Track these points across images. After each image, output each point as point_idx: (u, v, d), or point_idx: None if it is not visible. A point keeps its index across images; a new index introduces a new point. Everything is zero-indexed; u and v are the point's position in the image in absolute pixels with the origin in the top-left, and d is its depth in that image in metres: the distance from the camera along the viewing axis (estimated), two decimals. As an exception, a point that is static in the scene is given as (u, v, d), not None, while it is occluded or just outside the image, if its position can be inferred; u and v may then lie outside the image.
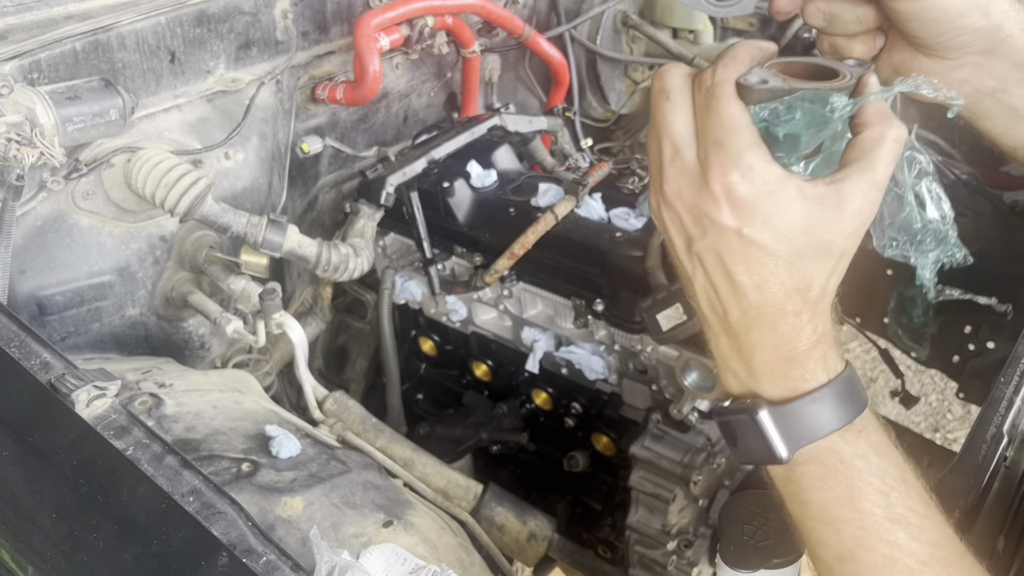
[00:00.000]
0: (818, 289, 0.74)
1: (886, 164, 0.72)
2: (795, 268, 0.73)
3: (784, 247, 0.72)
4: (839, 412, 0.74)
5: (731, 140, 0.71)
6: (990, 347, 1.98)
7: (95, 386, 0.83)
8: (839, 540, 0.75)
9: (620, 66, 2.26)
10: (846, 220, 0.72)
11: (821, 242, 0.72)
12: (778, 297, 0.74)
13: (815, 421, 0.74)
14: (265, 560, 0.71)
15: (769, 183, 0.71)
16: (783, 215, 0.71)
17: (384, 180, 1.54)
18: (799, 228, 0.71)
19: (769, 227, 0.71)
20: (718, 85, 0.73)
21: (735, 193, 0.71)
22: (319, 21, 1.57)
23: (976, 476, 0.98)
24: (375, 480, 1.06)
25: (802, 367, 0.75)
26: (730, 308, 0.76)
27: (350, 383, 1.83)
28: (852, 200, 0.72)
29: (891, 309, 2.09)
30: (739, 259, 0.73)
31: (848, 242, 0.74)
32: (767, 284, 0.73)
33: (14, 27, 1.21)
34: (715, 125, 0.72)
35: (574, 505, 1.68)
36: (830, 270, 0.74)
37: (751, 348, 0.76)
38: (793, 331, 0.75)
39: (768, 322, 0.75)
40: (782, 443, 0.75)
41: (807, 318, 0.75)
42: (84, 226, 1.25)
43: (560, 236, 1.42)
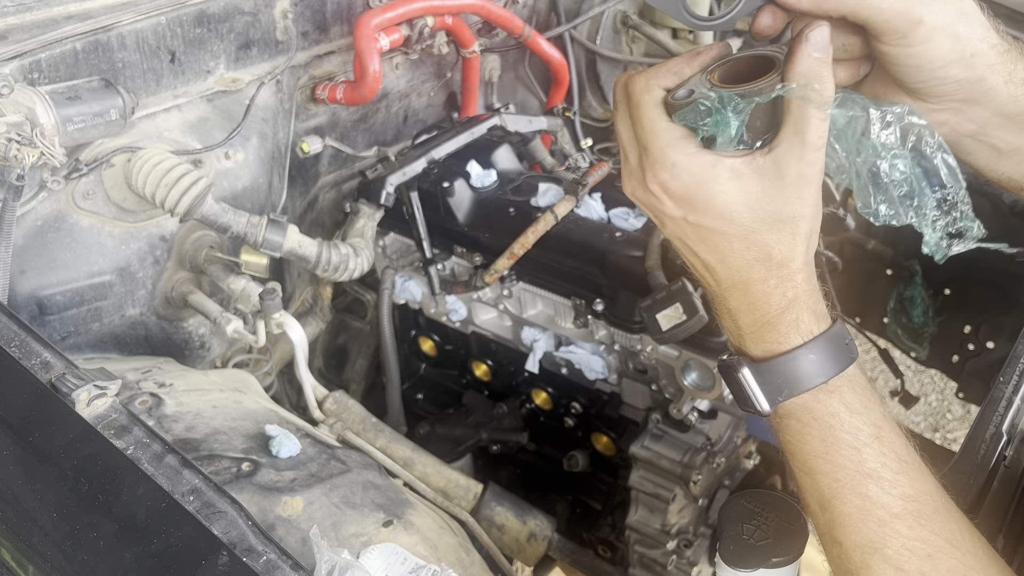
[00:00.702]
0: (780, 255, 0.77)
1: (815, 125, 0.74)
2: (749, 240, 0.77)
3: (731, 226, 0.76)
4: (812, 372, 0.78)
5: (653, 143, 0.77)
6: (989, 347, 1.98)
7: (95, 386, 0.83)
8: (818, 489, 0.80)
9: (620, 66, 2.26)
10: (788, 187, 0.75)
11: (768, 213, 0.76)
12: (741, 268, 0.79)
13: (790, 379, 0.79)
14: (265, 559, 0.71)
15: (696, 174, 0.75)
16: (720, 198, 0.75)
17: (384, 180, 1.54)
18: (741, 205, 0.75)
19: (710, 211, 0.76)
20: (636, 95, 0.79)
21: (669, 189, 0.77)
22: (319, 21, 1.57)
23: (975, 475, 0.98)
24: (375, 480, 1.06)
25: (775, 330, 0.79)
26: (708, 279, 0.82)
27: (350, 383, 1.83)
28: (788, 167, 0.74)
29: (891, 309, 2.09)
30: (696, 240, 0.79)
31: (797, 206, 0.76)
32: (727, 258, 0.79)
33: (14, 27, 1.21)
34: (640, 132, 0.78)
35: (574, 505, 1.68)
36: (789, 236, 0.77)
37: (735, 312, 0.81)
38: (762, 296, 0.79)
39: (739, 290, 0.80)
40: (763, 397, 0.80)
41: (774, 283, 0.78)
42: (84, 226, 1.25)
43: (560, 236, 1.42)
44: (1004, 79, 0.84)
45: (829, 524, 0.80)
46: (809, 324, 0.79)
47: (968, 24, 0.82)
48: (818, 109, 0.73)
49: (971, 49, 0.82)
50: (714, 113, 0.75)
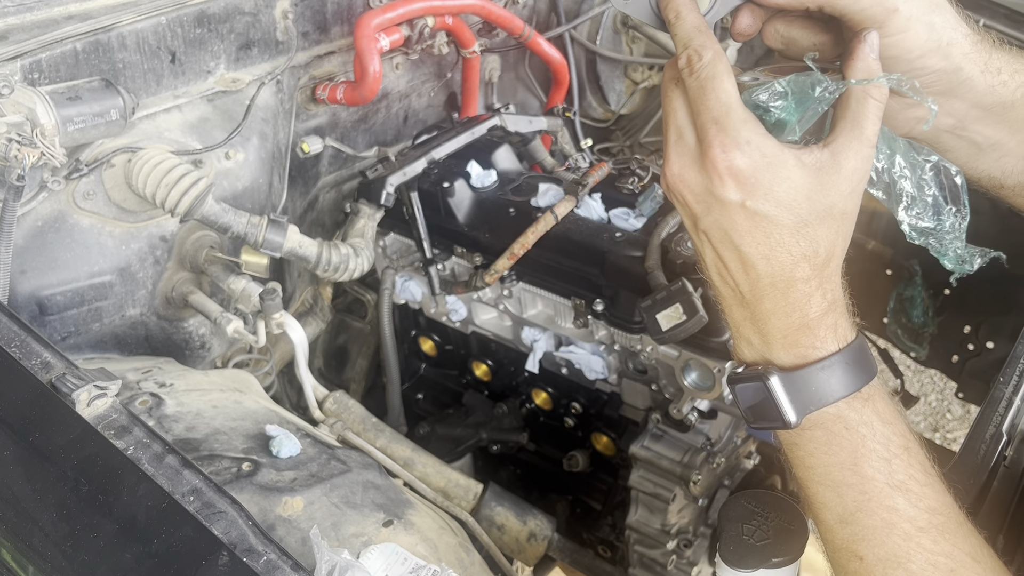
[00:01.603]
0: (824, 253, 0.76)
1: (872, 121, 0.75)
2: (800, 235, 0.75)
3: (788, 215, 0.74)
4: (847, 380, 0.76)
5: (727, 117, 0.73)
6: (989, 347, 1.98)
7: (96, 386, 0.83)
8: (841, 503, 0.77)
9: (620, 66, 2.26)
10: (844, 180, 0.74)
11: (823, 206, 0.74)
12: (786, 265, 0.76)
13: (824, 388, 0.76)
14: (265, 559, 0.71)
15: (767, 155, 0.73)
16: (784, 184, 0.73)
17: (384, 180, 1.54)
18: (801, 195, 0.74)
19: (772, 197, 0.73)
20: (708, 66, 0.75)
21: (735, 167, 0.73)
22: (319, 21, 1.57)
23: (975, 475, 0.98)
24: (375, 480, 1.07)
25: (813, 335, 0.77)
26: (740, 280, 0.78)
27: (350, 383, 1.83)
28: (847, 160, 0.74)
29: (891, 309, 2.10)
30: (745, 232, 0.75)
31: (848, 202, 0.75)
32: (774, 253, 0.75)
33: (15, 27, 1.21)
34: (712, 104, 0.74)
35: (574, 505, 1.68)
36: (834, 233, 0.76)
37: (765, 316, 0.78)
38: (803, 298, 0.76)
39: (779, 290, 0.77)
40: (791, 408, 0.77)
41: (816, 284, 0.76)
42: (85, 226, 1.25)
43: (560, 236, 1.42)
44: (980, 68, 0.84)
45: (851, 538, 0.77)
46: (845, 330, 0.78)
47: (941, 13, 0.82)
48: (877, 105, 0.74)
49: (947, 38, 0.82)
50: (790, 96, 0.75)
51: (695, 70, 0.76)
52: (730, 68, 0.76)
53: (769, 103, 0.75)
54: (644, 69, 2.28)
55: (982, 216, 0.85)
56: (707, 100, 0.75)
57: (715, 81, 0.74)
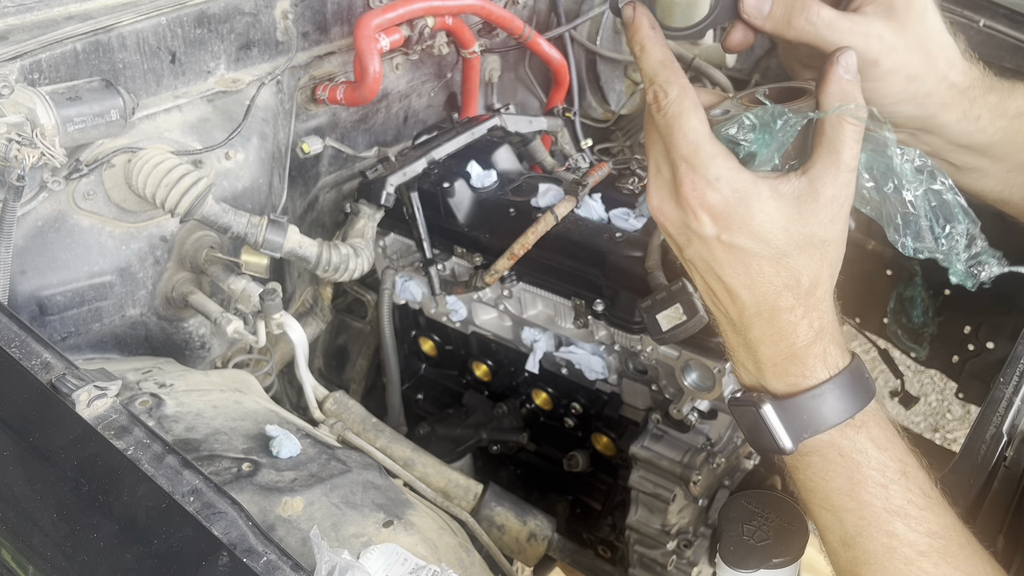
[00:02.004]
0: (808, 282, 0.75)
1: (848, 145, 0.73)
2: (781, 265, 0.75)
3: (765, 247, 0.74)
4: (839, 408, 0.76)
5: (695, 155, 0.74)
6: (989, 347, 1.98)
7: (96, 386, 0.83)
8: (842, 527, 0.78)
9: (620, 67, 2.26)
10: (822, 208, 0.74)
11: (802, 235, 0.74)
12: (768, 295, 0.76)
13: (816, 416, 0.76)
14: (265, 560, 0.71)
15: (738, 189, 0.73)
16: (759, 217, 0.73)
17: (384, 180, 1.54)
18: (778, 227, 0.73)
19: (747, 230, 0.74)
20: (674, 103, 0.75)
21: (708, 203, 0.73)
22: (319, 22, 1.57)
23: (976, 476, 0.98)
24: (375, 480, 1.07)
25: (802, 363, 0.77)
26: (728, 307, 0.79)
27: (350, 383, 1.83)
28: (824, 188, 0.73)
29: (890, 309, 2.09)
30: (725, 263, 0.76)
31: (829, 229, 0.75)
32: (755, 284, 0.76)
33: (15, 27, 1.21)
34: (680, 142, 0.74)
35: (574, 505, 1.68)
36: (817, 261, 0.75)
37: (755, 344, 0.79)
38: (789, 327, 0.77)
39: (764, 319, 0.77)
40: (785, 435, 0.77)
41: (801, 313, 0.76)
42: (85, 226, 1.26)
43: (560, 236, 1.42)
44: (957, 117, 0.86)
45: (852, 562, 0.78)
46: (835, 357, 0.78)
47: (928, 65, 0.83)
48: (854, 129, 0.73)
49: (924, 90, 0.84)
50: (759, 129, 0.74)
51: (661, 107, 0.76)
52: (697, 103, 0.76)
53: (739, 137, 0.75)
54: (644, 69, 2.28)
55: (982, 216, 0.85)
56: (675, 138, 0.75)
57: (681, 119, 0.75)
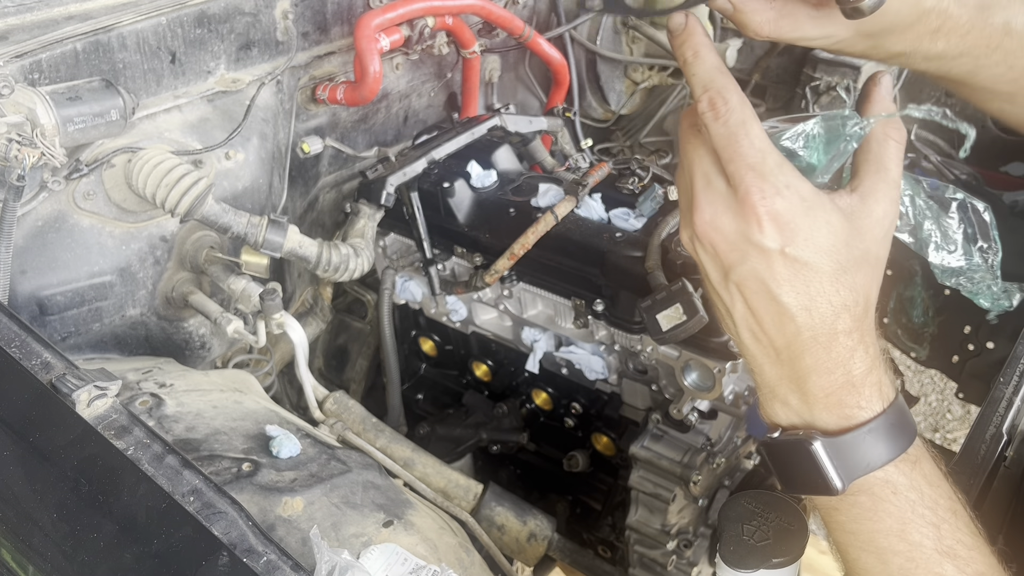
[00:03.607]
0: (863, 303, 0.73)
1: (895, 162, 0.73)
2: (840, 283, 0.71)
3: (828, 262, 0.71)
4: (894, 442, 0.73)
5: (764, 162, 0.71)
6: (989, 347, 1.98)
7: (96, 386, 0.83)
8: (886, 570, 0.74)
9: (620, 66, 2.26)
10: (876, 225, 0.72)
11: (860, 252, 0.72)
12: (828, 317, 0.71)
13: (872, 452, 0.72)
14: (265, 560, 0.71)
15: (806, 199, 0.70)
16: (824, 229, 0.70)
17: (384, 180, 1.54)
18: (840, 241, 0.71)
19: (812, 243, 0.70)
20: (736, 110, 0.73)
21: (776, 212, 0.70)
22: (319, 22, 1.57)
23: (976, 476, 0.98)
24: (375, 480, 1.07)
25: (858, 394, 0.73)
26: (775, 335, 0.74)
27: (350, 383, 1.83)
28: (876, 204, 0.73)
29: (890, 309, 2.09)
30: (784, 280, 0.71)
31: (881, 247, 0.73)
32: (815, 304, 0.71)
33: (15, 27, 1.21)
34: (746, 150, 0.71)
35: (574, 505, 1.68)
36: (870, 280, 0.73)
37: (805, 374, 0.73)
38: (847, 352, 0.72)
39: (821, 344, 0.72)
40: (836, 475, 0.73)
41: (858, 337, 0.72)
42: (85, 226, 1.26)
43: (560, 236, 1.42)
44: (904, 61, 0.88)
45: None
46: (888, 387, 0.74)
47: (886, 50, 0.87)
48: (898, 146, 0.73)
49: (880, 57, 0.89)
50: (817, 139, 0.73)
51: (721, 115, 0.73)
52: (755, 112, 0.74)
53: (796, 147, 0.73)
54: (644, 69, 2.28)
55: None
56: (739, 146, 0.71)
57: (746, 126, 0.72)
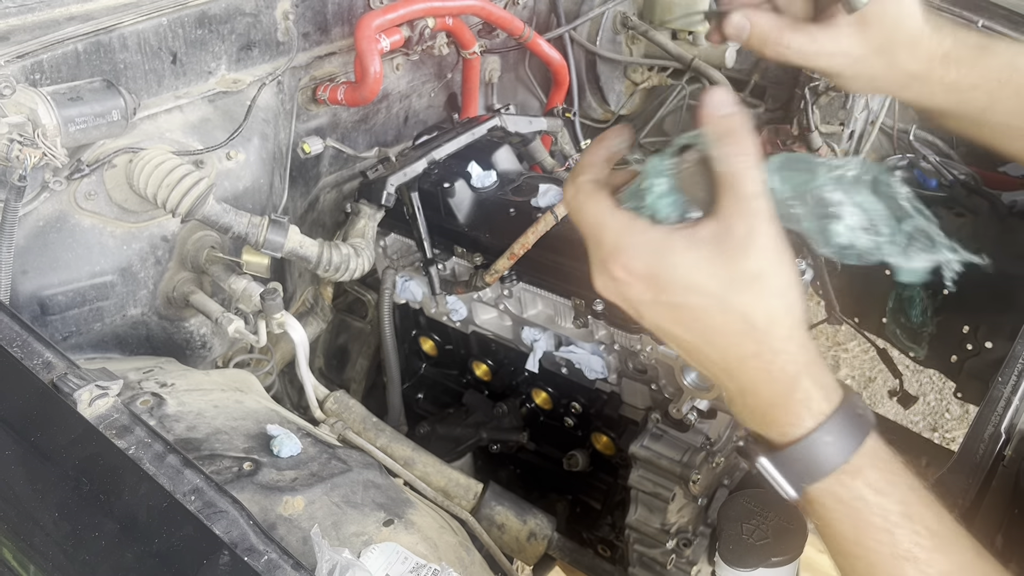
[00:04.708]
0: (761, 321, 0.73)
1: (744, 175, 0.71)
2: (726, 308, 0.72)
3: (700, 296, 0.72)
4: (831, 454, 0.74)
5: (604, 234, 0.74)
6: (988, 347, 1.98)
7: (97, 385, 0.84)
8: (855, 572, 0.77)
9: (620, 67, 2.27)
10: (741, 244, 0.71)
11: (731, 274, 0.71)
12: (729, 346, 0.74)
13: (810, 465, 0.74)
14: (266, 559, 0.72)
15: (653, 249, 0.72)
16: (680, 269, 0.72)
17: (385, 180, 1.54)
18: (703, 273, 0.71)
19: (675, 284, 0.72)
20: (575, 195, 0.77)
21: (633, 271, 0.73)
22: (320, 22, 1.57)
23: (974, 475, 0.98)
24: (376, 479, 1.07)
25: (785, 412, 0.75)
26: (704, 363, 0.77)
27: (351, 382, 1.84)
28: (735, 223, 0.71)
29: (889, 309, 2.10)
30: (675, 323, 0.74)
31: (758, 262, 0.72)
32: (712, 336, 0.74)
33: (16, 28, 1.21)
34: (590, 228, 0.75)
35: (574, 504, 1.69)
36: (763, 297, 0.72)
37: (740, 395, 0.77)
38: (763, 375, 0.74)
39: (737, 371, 0.75)
40: (786, 484, 0.76)
41: (769, 357, 0.73)
42: (86, 226, 1.26)
43: (560, 236, 1.42)
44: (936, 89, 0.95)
45: None
46: (819, 403, 0.75)
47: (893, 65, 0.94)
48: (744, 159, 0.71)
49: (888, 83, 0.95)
50: (648, 189, 0.74)
51: (568, 202, 0.78)
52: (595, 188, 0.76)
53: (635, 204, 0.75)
54: (644, 70, 2.29)
55: (980, 216, 0.86)
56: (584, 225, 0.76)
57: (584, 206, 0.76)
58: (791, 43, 0.89)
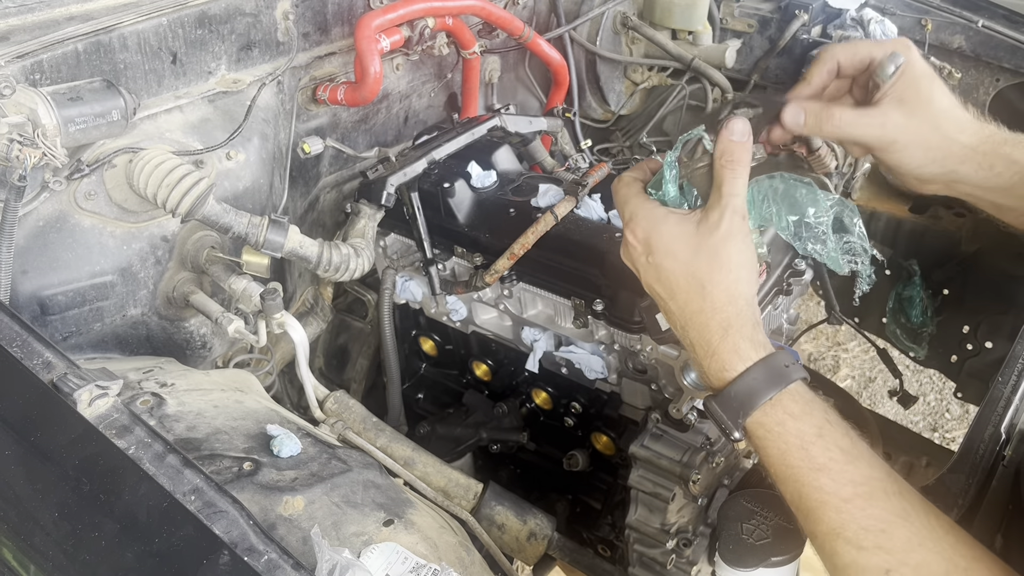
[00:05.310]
0: (710, 287, 0.96)
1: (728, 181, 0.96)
2: (689, 274, 0.97)
3: (675, 261, 0.98)
4: (758, 389, 0.93)
5: (625, 208, 1.03)
6: (988, 347, 1.99)
7: (97, 385, 0.84)
8: (787, 491, 0.92)
9: (619, 67, 2.27)
10: (711, 227, 0.96)
11: (699, 247, 0.96)
12: (687, 302, 0.98)
13: (742, 400, 0.93)
14: (266, 559, 0.72)
15: (652, 219, 1.00)
16: (666, 237, 0.98)
17: (385, 180, 1.54)
18: (682, 243, 0.97)
19: (660, 248, 0.99)
20: (618, 184, 1.06)
21: (637, 234, 1.01)
22: (320, 22, 1.57)
23: (974, 475, 0.98)
24: (376, 479, 1.07)
25: (720, 359, 0.96)
26: (671, 317, 1.02)
27: (351, 382, 1.84)
28: (712, 215, 0.97)
29: (889, 309, 2.10)
30: (656, 279, 1.01)
31: (720, 241, 0.95)
32: (676, 292, 0.99)
33: (16, 28, 1.21)
34: (621, 206, 1.04)
35: (574, 504, 1.69)
36: (712, 267, 0.95)
37: (691, 345, 0.99)
38: (703, 326, 0.97)
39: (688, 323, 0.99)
40: (729, 421, 0.94)
41: (709, 313, 0.96)
42: (86, 226, 1.26)
43: (560, 236, 1.43)
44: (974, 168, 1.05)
45: (804, 520, 0.91)
46: (748, 351, 0.95)
47: (938, 134, 1.05)
48: (730, 170, 0.96)
49: (943, 153, 1.05)
50: (663, 182, 1.01)
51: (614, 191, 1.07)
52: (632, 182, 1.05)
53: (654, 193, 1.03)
54: (644, 70, 2.29)
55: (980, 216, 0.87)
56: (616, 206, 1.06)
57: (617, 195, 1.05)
58: (843, 118, 1.05)
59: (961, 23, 2.03)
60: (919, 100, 1.05)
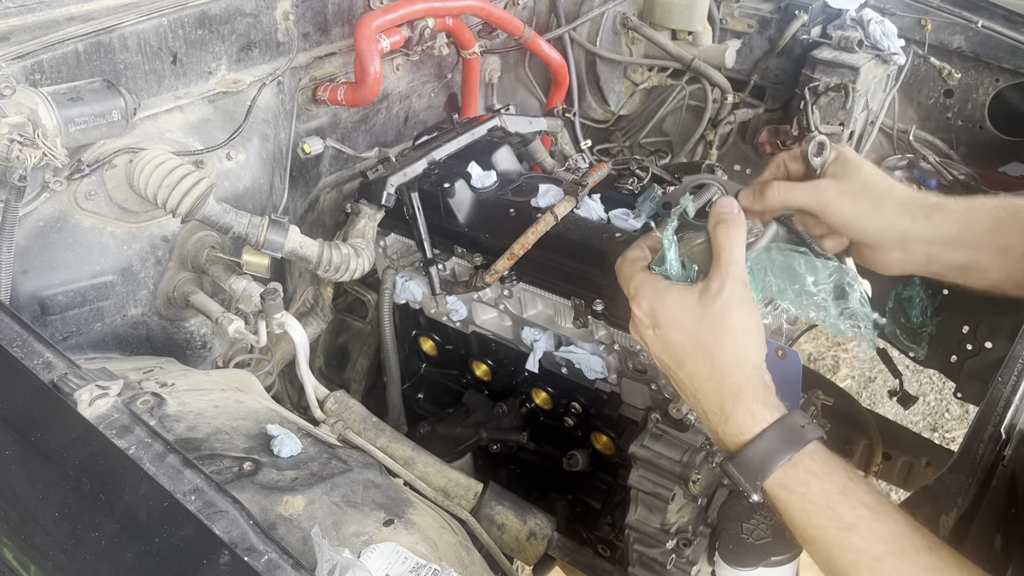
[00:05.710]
0: (718, 353, 0.98)
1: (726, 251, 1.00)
2: (696, 342, 0.99)
3: (680, 331, 1.00)
4: (776, 451, 0.93)
5: (630, 283, 1.06)
6: (988, 347, 1.98)
7: (97, 385, 0.84)
8: (816, 552, 0.92)
9: (619, 67, 2.27)
10: (713, 296, 0.99)
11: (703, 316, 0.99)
12: (695, 369, 1.00)
13: (760, 463, 0.94)
14: (266, 559, 0.72)
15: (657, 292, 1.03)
16: (670, 308, 1.01)
17: (385, 181, 1.54)
18: (684, 312, 1.00)
19: (665, 320, 1.02)
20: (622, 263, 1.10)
21: (643, 307, 1.04)
22: (320, 23, 1.57)
23: (974, 475, 0.98)
24: (376, 479, 1.07)
25: (734, 422, 0.97)
26: (680, 388, 1.04)
27: (351, 382, 1.84)
28: (713, 283, 1.00)
29: (889, 309, 2.09)
30: (663, 349, 1.04)
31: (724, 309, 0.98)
32: (684, 361, 1.01)
33: (16, 28, 1.21)
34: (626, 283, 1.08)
35: (574, 504, 1.69)
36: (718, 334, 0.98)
37: (704, 414, 1.01)
38: (714, 392, 0.98)
39: (699, 391, 1.00)
40: (748, 484, 0.94)
41: (719, 378, 0.98)
42: (86, 226, 1.26)
43: (560, 236, 1.43)
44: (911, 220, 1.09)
45: None
46: (763, 414, 0.96)
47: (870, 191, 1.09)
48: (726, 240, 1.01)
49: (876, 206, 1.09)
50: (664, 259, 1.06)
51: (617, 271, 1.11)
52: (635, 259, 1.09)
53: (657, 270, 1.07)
54: (644, 70, 2.29)
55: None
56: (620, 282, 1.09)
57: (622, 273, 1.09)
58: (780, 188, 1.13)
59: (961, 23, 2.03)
60: (847, 170, 1.12)
